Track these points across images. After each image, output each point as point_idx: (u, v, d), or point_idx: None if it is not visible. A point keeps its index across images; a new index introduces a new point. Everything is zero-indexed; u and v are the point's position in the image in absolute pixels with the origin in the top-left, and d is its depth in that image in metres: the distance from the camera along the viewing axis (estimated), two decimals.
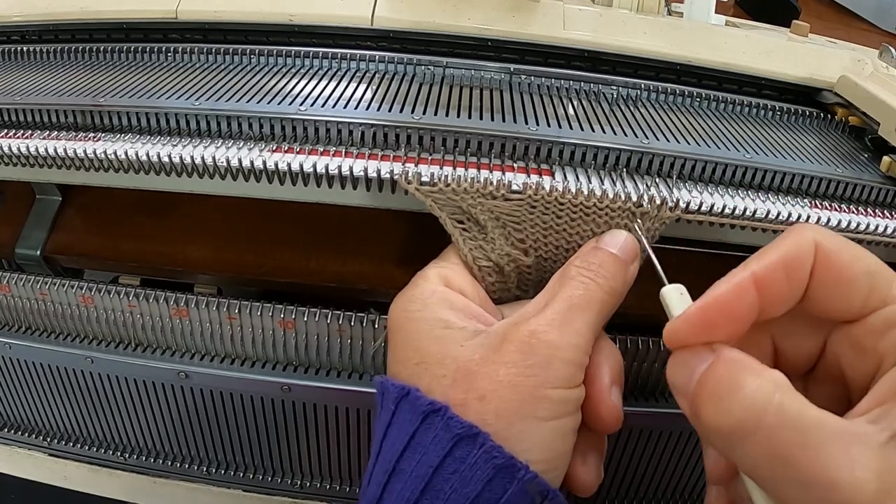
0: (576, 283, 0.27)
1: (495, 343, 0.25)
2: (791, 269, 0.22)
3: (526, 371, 0.25)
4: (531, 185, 0.29)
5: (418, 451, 0.24)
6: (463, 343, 0.26)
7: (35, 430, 0.43)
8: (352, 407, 0.36)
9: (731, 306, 0.22)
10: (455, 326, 0.26)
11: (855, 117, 0.39)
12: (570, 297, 0.26)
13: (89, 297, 0.36)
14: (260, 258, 0.39)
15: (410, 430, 0.25)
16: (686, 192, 0.31)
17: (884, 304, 0.22)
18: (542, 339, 0.25)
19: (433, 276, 0.28)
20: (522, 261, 0.30)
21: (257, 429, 0.38)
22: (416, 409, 0.25)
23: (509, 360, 0.25)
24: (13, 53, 0.41)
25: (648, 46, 0.40)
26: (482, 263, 0.29)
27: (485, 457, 0.23)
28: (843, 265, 0.22)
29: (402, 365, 0.27)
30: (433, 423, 0.24)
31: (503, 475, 0.23)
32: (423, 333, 0.26)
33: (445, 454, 0.24)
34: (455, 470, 0.24)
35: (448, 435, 0.24)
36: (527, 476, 0.23)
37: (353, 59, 0.39)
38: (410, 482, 0.24)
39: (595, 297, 0.27)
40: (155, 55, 0.39)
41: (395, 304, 0.28)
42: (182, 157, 0.30)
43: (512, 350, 0.25)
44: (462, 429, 0.24)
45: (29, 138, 0.32)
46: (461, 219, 0.30)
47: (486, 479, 0.23)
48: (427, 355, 0.26)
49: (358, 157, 0.31)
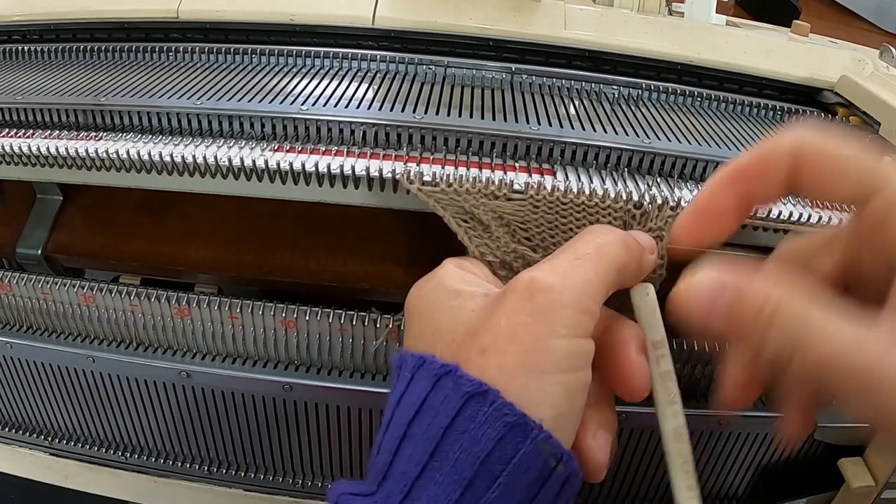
0: (585, 239, 0.26)
1: (499, 296, 0.25)
2: (765, 165, 0.24)
3: (526, 319, 0.23)
4: (533, 184, 0.29)
5: (429, 413, 0.23)
6: (473, 307, 0.25)
7: (36, 430, 0.43)
8: (353, 406, 0.36)
9: (713, 203, 0.25)
10: (466, 294, 0.26)
11: (855, 117, 0.39)
12: (577, 247, 0.25)
13: (90, 296, 0.36)
14: (261, 257, 0.39)
15: (423, 395, 0.24)
16: (687, 191, 0.31)
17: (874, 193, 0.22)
18: (543, 283, 0.24)
19: (447, 261, 0.28)
20: (532, 256, 0.30)
21: (258, 428, 0.39)
22: (429, 373, 0.24)
23: (510, 308, 0.24)
24: (14, 53, 0.41)
25: (649, 46, 0.40)
26: (490, 259, 0.30)
27: (495, 414, 0.22)
28: (829, 159, 0.23)
29: (419, 339, 0.26)
30: (445, 384, 0.23)
31: (515, 434, 0.22)
32: (437, 306, 0.26)
33: (455, 413, 0.22)
34: (465, 429, 0.22)
35: (458, 394, 0.23)
36: (540, 435, 0.22)
37: (354, 58, 0.39)
38: (421, 445, 0.23)
39: (606, 251, 0.25)
40: (156, 55, 0.39)
41: (411, 292, 0.28)
42: (183, 156, 0.30)
43: (513, 298, 0.24)
44: (472, 386, 0.22)
45: (30, 138, 0.32)
46: (465, 217, 0.30)
47: (497, 438, 0.22)
48: (440, 324, 0.25)
49: (359, 156, 0.31)
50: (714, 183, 0.25)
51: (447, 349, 0.24)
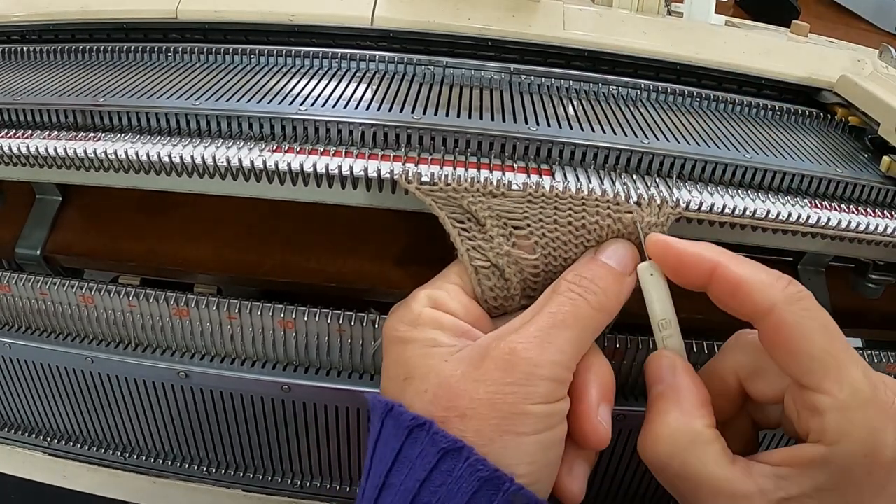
0: (563, 300, 0.27)
1: (476, 358, 0.26)
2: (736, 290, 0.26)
3: (505, 389, 0.25)
4: (531, 184, 0.29)
5: (406, 465, 0.25)
6: (447, 358, 0.26)
7: (35, 430, 0.43)
8: (352, 407, 0.36)
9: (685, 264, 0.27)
10: (443, 344, 0.27)
11: (855, 117, 0.39)
12: (554, 313, 0.26)
13: (89, 296, 0.36)
14: (260, 258, 0.39)
15: (397, 446, 0.25)
16: (686, 191, 0.31)
17: (816, 389, 0.24)
18: (522, 357, 0.25)
19: (422, 297, 0.28)
20: (526, 260, 0.29)
21: (257, 428, 0.38)
22: (400, 424, 0.25)
23: (489, 377, 0.25)
24: (13, 53, 0.41)
25: (648, 46, 0.40)
26: (479, 264, 0.29)
27: (469, 469, 0.24)
28: (789, 338, 0.24)
29: (392, 381, 0.27)
30: (418, 437, 0.25)
31: (488, 487, 0.24)
32: (410, 351, 0.27)
33: (432, 468, 0.24)
34: (442, 483, 0.24)
35: (434, 449, 0.24)
36: (512, 488, 0.24)
37: (353, 58, 0.39)
38: (399, 496, 0.25)
39: (582, 314, 0.27)
40: (155, 55, 0.39)
41: (387, 321, 0.29)
42: (182, 156, 0.30)
43: (492, 368, 0.25)
44: (447, 443, 0.24)
45: (29, 138, 0.32)
46: (461, 218, 0.29)
47: (472, 492, 0.24)
48: (413, 370, 0.26)
49: (358, 156, 0.31)
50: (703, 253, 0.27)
51: (417, 399, 0.26)
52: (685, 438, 0.25)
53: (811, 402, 0.24)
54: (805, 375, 0.24)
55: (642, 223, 0.29)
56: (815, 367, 0.24)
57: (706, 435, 0.25)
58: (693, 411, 0.26)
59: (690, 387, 0.26)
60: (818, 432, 0.24)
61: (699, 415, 0.26)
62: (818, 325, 0.24)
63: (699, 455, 0.25)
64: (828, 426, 0.23)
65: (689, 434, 0.25)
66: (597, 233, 0.29)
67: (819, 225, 0.31)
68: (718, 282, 0.26)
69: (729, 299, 0.26)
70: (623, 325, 0.32)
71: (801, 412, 0.25)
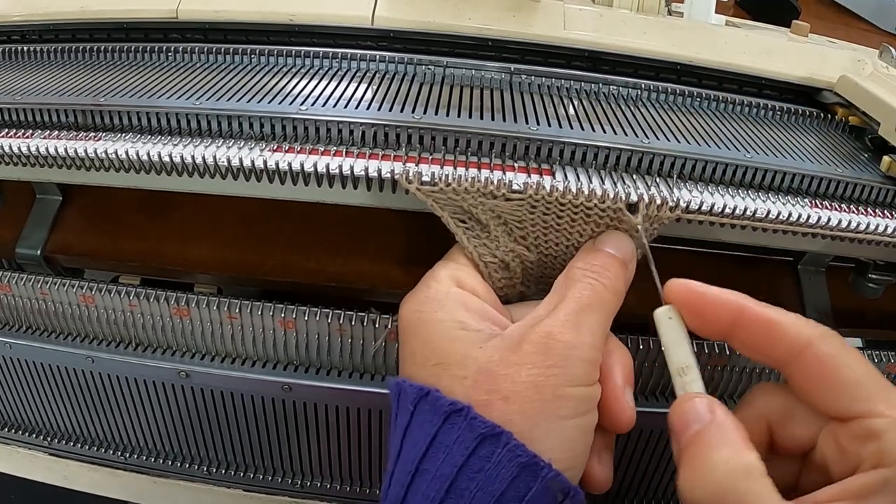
0: (583, 285, 0.28)
1: (512, 345, 0.26)
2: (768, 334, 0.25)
3: (547, 371, 0.25)
4: (531, 184, 0.29)
5: (442, 450, 0.25)
6: (481, 345, 0.26)
7: (35, 430, 0.43)
8: (352, 406, 0.36)
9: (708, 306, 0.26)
10: (471, 328, 0.27)
11: (855, 117, 0.39)
12: (579, 297, 0.27)
13: (90, 296, 0.36)
14: (260, 257, 0.39)
15: (432, 431, 0.25)
16: (686, 191, 0.31)
17: (867, 415, 0.24)
18: (560, 340, 0.26)
19: (445, 277, 0.29)
20: (526, 256, 0.30)
21: (258, 428, 0.39)
22: (437, 409, 0.25)
23: (529, 361, 0.25)
24: (13, 53, 0.41)
25: (649, 46, 0.40)
26: (488, 260, 0.30)
27: (509, 455, 0.24)
28: (833, 369, 0.24)
29: (419, 366, 0.27)
30: (456, 423, 0.25)
31: (527, 473, 0.24)
32: (440, 334, 0.27)
33: (470, 453, 0.24)
34: (480, 468, 0.24)
35: (472, 434, 0.24)
36: (549, 474, 0.24)
37: (353, 58, 0.39)
38: (435, 481, 0.24)
39: (602, 298, 0.28)
40: (155, 55, 0.39)
41: (406, 305, 0.29)
42: (182, 156, 0.30)
43: (531, 351, 0.26)
44: (486, 428, 0.24)
45: (29, 138, 0.32)
46: (463, 218, 0.30)
47: (511, 478, 0.24)
48: (445, 356, 0.26)
49: (358, 156, 0.31)
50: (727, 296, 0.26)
51: (458, 386, 0.26)
52: (739, 471, 0.23)
53: (862, 430, 0.23)
54: (854, 404, 0.24)
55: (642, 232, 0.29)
56: (863, 393, 0.24)
57: (760, 468, 0.24)
58: (743, 444, 0.24)
59: (735, 422, 0.25)
60: (876, 456, 0.23)
61: (749, 447, 0.24)
62: (856, 355, 0.24)
63: (756, 488, 0.23)
64: (887, 447, 0.23)
65: (743, 467, 0.23)
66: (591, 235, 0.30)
67: (819, 225, 0.31)
68: (748, 325, 0.26)
69: (761, 342, 0.26)
70: (623, 324, 0.32)
71: (847, 446, 0.24)
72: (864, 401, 0.24)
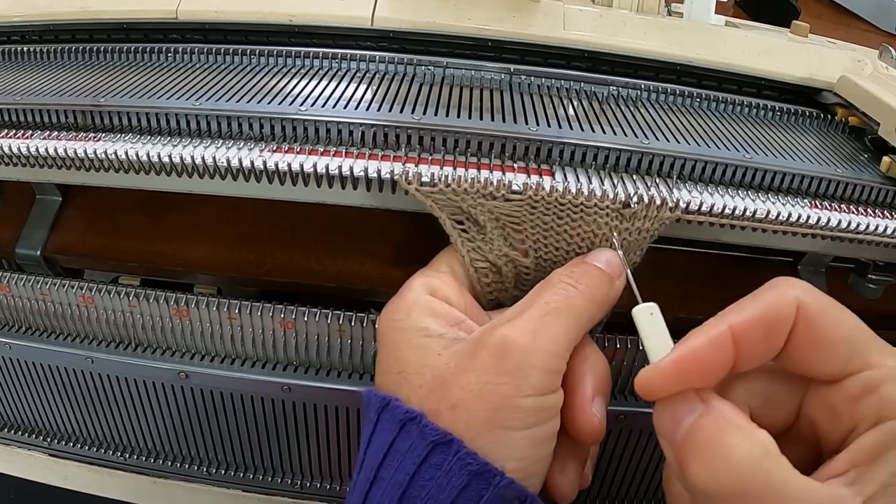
0: (555, 290, 0.27)
1: (470, 350, 0.25)
2: (770, 327, 0.23)
3: (497, 379, 0.24)
4: (531, 185, 0.29)
5: (396, 458, 0.24)
6: (440, 351, 0.26)
7: (35, 431, 0.43)
8: (352, 407, 0.36)
9: (707, 360, 0.23)
10: (434, 334, 0.26)
11: (855, 117, 0.39)
12: (546, 302, 0.26)
13: (89, 297, 0.36)
14: (260, 258, 0.39)
15: (389, 439, 0.25)
16: (686, 192, 0.31)
17: (862, 370, 0.22)
18: (515, 345, 0.25)
19: (418, 285, 0.28)
20: (521, 261, 0.30)
21: (257, 429, 0.39)
22: (394, 417, 0.25)
23: (481, 367, 0.25)
24: (13, 53, 0.41)
25: (648, 47, 0.40)
26: (479, 265, 0.29)
27: (459, 463, 0.23)
28: (824, 328, 0.23)
29: (385, 375, 0.27)
30: (410, 431, 0.24)
31: (478, 481, 0.23)
32: (405, 343, 0.27)
33: (421, 461, 0.24)
34: (431, 477, 0.24)
35: (423, 442, 0.24)
36: (503, 482, 0.23)
37: (353, 59, 0.39)
38: (389, 490, 0.24)
39: (574, 304, 0.26)
40: (155, 55, 0.39)
41: (381, 314, 0.29)
42: (182, 157, 0.30)
43: (485, 356, 0.25)
44: (437, 436, 0.24)
45: (29, 138, 0.32)
46: (460, 219, 0.30)
47: (462, 486, 0.23)
48: (407, 364, 0.26)
49: (358, 157, 0.31)
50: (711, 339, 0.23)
51: (413, 394, 0.25)
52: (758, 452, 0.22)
53: (857, 386, 0.22)
54: (849, 361, 0.22)
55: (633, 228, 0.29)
56: (857, 349, 0.22)
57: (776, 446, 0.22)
58: (750, 425, 0.22)
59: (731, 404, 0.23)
60: (876, 410, 0.22)
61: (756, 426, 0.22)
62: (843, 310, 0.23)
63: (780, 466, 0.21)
64: (886, 399, 0.21)
65: (761, 447, 0.22)
66: (590, 240, 0.29)
67: (819, 225, 0.31)
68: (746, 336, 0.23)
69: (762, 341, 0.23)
70: (623, 325, 0.32)
71: (840, 407, 0.23)
72: (858, 356, 0.22)
